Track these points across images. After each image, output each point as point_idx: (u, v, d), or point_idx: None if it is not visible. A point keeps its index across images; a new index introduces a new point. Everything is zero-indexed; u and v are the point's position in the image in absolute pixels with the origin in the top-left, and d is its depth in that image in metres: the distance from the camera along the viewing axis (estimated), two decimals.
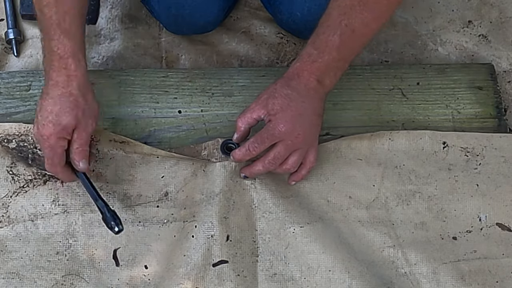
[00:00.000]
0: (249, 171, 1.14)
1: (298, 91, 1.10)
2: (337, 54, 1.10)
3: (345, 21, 1.08)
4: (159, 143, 1.23)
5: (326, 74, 1.11)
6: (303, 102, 1.10)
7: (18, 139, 1.20)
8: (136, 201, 1.17)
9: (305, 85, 1.11)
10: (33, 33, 1.41)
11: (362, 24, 1.09)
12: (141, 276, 1.12)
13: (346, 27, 1.08)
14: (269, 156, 1.11)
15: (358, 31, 1.09)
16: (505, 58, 1.42)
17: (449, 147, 1.24)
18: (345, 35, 1.08)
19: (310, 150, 1.14)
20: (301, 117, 1.10)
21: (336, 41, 1.08)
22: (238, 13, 1.46)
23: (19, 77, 1.28)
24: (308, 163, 1.15)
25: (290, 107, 1.10)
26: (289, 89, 1.11)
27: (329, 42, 1.09)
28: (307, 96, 1.11)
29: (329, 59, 1.10)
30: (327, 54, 1.09)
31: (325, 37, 1.09)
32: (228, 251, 1.12)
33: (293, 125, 1.10)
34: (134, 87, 1.28)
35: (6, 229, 1.14)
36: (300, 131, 1.10)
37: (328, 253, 1.12)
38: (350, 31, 1.08)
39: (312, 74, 1.11)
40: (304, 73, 1.11)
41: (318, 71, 1.11)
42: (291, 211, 1.15)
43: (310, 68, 1.11)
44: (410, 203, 1.19)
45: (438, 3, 1.48)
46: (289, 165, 1.13)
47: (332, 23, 1.09)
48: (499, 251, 1.16)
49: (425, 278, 1.13)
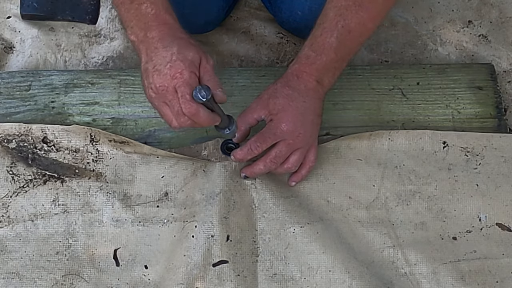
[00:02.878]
0: (250, 171, 1.14)
1: (298, 91, 1.11)
2: (335, 55, 1.11)
3: (341, 22, 1.09)
4: (159, 143, 1.23)
5: (325, 74, 1.12)
6: (304, 102, 1.11)
7: (18, 139, 1.20)
8: (136, 201, 1.17)
9: (305, 85, 1.12)
10: (33, 33, 1.41)
11: (358, 24, 1.09)
12: (141, 276, 1.12)
13: (343, 28, 1.09)
14: (271, 155, 1.11)
15: (355, 31, 1.10)
16: (505, 58, 1.42)
17: (449, 147, 1.24)
18: (342, 36, 1.09)
19: (310, 149, 1.15)
20: (302, 117, 1.11)
21: (333, 43, 1.09)
22: (238, 13, 1.46)
23: (19, 77, 1.29)
24: (308, 162, 1.15)
25: (291, 107, 1.10)
26: (290, 89, 1.11)
27: (327, 44, 1.10)
28: (307, 96, 1.12)
29: (327, 61, 1.11)
30: (325, 56, 1.10)
31: (322, 39, 1.10)
32: (228, 251, 1.12)
33: (295, 125, 1.10)
34: (134, 87, 1.28)
35: (6, 229, 1.14)
36: (301, 131, 1.11)
37: (328, 253, 1.12)
38: (346, 32, 1.09)
39: (311, 75, 1.12)
40: (303, 75, 1.12)
41: (317, 72, 1.12)
42: (291, 211, 1.15)
43: (309, 69, 1.11)
44: (410, 203, 1.19)
45: (438, 3, 1.48)
46: (290, 164, 1.13)
47: (329, 25, 1.10)
48: (499, 251, 1.16)
49: (425, 278, 1.13)
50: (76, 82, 1.28)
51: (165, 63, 1.01)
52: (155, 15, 1.05)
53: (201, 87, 1.00)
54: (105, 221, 1.15)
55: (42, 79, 1.28)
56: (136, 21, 1.06)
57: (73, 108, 1.26)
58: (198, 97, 1.00)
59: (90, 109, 1.26)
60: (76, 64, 1.39)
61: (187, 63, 1.01)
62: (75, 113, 1.26)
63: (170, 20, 1.06)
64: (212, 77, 1.03)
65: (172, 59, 1.01)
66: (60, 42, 1.41)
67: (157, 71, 1.02)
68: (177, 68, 1.00)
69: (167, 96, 1.02)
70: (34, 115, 1.25)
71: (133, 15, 1.05)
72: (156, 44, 1.03)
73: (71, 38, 1.41)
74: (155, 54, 1.03)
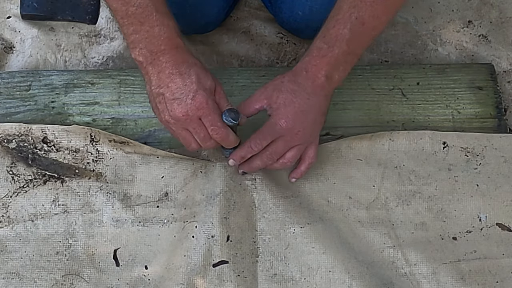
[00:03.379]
0: (248, 167, 1.15)
1: (304, 88, 1.10)
2: (347, 48, 1.09)
3: (355, 14, 1.07)
4: (159, 143, 1.23)
5: (336, 68, 1.11)
6: (308, 99, 1.10)
7: (18, 139, 1.20)
8: (136, 201, 1.17)
9: (313, 81, 1.10)
10: (33, 33, 1.41)
11: (372, 17, 1.08)
12: (141, 276, 1.12)
13: (356, 20, 1.07)
14: (267, 151, 1.12)
15: (368, 24, 1.08)
16: (505, 58, 1.42)
17: (449, 147, 1.24)
18: (355, 28, 1.08)
19: (309, 146, 1.15)
20: (303, 114, 1.11)
21: (346, 35, 1.08)
22: (238, 13, 1.45)
23: (19, 77, 1.28)
24: (307, 158, 1.15)
25: (293, 103, 1.10)
26: (296, 85, 1.11)
27: (339, 36, 1.08)
28: (312, 94, 1.11)
29: (339, 53, 1.09)
30: (337, 48, 1.09)
31: (335, 31, 1.08)
32: (228, 252, 1.12)
33: (294, 122, 1.10)
34: (134, 87, 1.28)
35: (6, 229, 1.14)
36: (300, 128, 1.11)
37: (328, 253, 1.12)
38: (360, 24, 1.08)
39: (321, 70, 1.10)
40: (312, 68, 1.10)
41: (328, 65, 1.10)
42: (291, 212, 1.15)
43: (319, 62, 1.10)
44: (410, 203, 1.19)
45: (438, 3, 1.48)
46: (286, 159, 1.13)
47: (342, 17, 1.08)
48: (499, 251, 1.16)
49: (425, 278, 1.13)
50: (76, 82, 1.28)
51: (187, 93, 1.05)
52: (167, 39, 1.06)
53: (231, 111, 1.08)
54: (105, 221, 1.15)
55: (42, 79, 1.28)
56: (146, 43, 1.06)
57: (73, 108, 1.26)
58: (230, 120, 1.07)
59: (90, 109, 1.26)
60: (76, 64, 1.39)
61: (207, 92, 1.07)
62: (75, 113, 1.26)
63: (181, 44, 1.08)
64: (227, 101, 1.10)
65: (194, 89, 1.05)
66: (60, 42, 1.41)
67: (177, 99, 1.05)
68: (201, 99, 1.05)
69: (190, 124, 1.08)
70: (34, 115, 1.25)
71: (143, 36, 1.06)
72: (171, 70, 1.06)
73: (71, 38, 1.41)
74: (171, 80, 1.06)
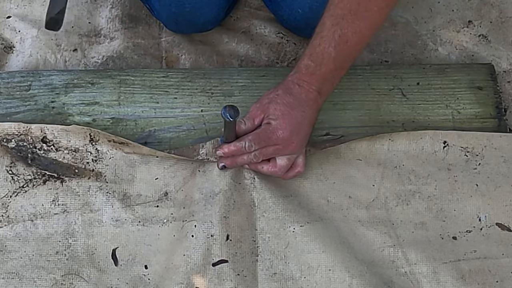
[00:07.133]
0: (230, 161, 1.15)
1: (299, 100, 1.12)
2: (333, 66, 1.12)
3: (338, 31, 1.09)
4: (159, 143, 1.23)
5: (324, 83, 1.14)
6: (303, 112, 1.12)
7: (18, 139, 1.20)
8: (136, 201, 1.17)
9: (306, 95, 1.13)
10: (33, 33, 1.41)
11: (355, 33, 1.10)
12: (141, 275, 1.12)
13: (340, 37, 1.09)
14: (256, 151, 1.13)
15: (352, 40, 1.10)
16: (505, 58, 1.42)
17: (449, 146, 1.24)
18: (339, 46, 1.10)
19: (299, 156, 1.16)
20: (298, 126, 1.12)
21: (331, 53, 1.10)
22: (238, 13, 1.46)
23: (19, 77, 1.29)
24: (297, 167, 1.17)
25: (290, 115, 1.11)
26: (291, 97, 1.12)
27: (325, 55, 1.10)
28: (307, 106, 1.13)
29: (326, 71, 1.12)
30: (324, 67, 1.11)
31: (321, 50, 1.11)
32: (228, 251, 1.12)
33: (291, 134, 1.11)
34: (134, 87, 1.28)
35: (5, 229, 1.14)
36: (294, 140, 1.12)
37: (328, 252, 1.12)
38: (344, 41, 1.10)
39: (312, 85, 1.13)
40: (304, 84, 1.13)
41: (317, 82, 1.13)
42: (291, 211, 1.15)
43: (309, 79, 1.12)
44: (410, 203, 1.19)
45: (438, 3, 1.49)
46: (277, 168, 1.14)
47: (326, 34, 1.10)
48: (499, 251, 1.16)
49: (425, 278, 1.13)
50: (76, 82, 1.28)
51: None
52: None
53: (231, 107, 1.08)
54: (105, 221, 1.15)
55: (42, 79, 1.29)
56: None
57: (73, 108, 1.26)
58: (227, 117, 1.08)
59: (90, 109, 1.26)
60: (76, 64, 1.39)
61: None
62: (75, 113, 1.26)
63: None
64: None
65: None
66: (60, 42, 1.41)
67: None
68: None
69: None
70: (34, 115, 1.25)
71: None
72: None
73: (71, 38, 1.41)
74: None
